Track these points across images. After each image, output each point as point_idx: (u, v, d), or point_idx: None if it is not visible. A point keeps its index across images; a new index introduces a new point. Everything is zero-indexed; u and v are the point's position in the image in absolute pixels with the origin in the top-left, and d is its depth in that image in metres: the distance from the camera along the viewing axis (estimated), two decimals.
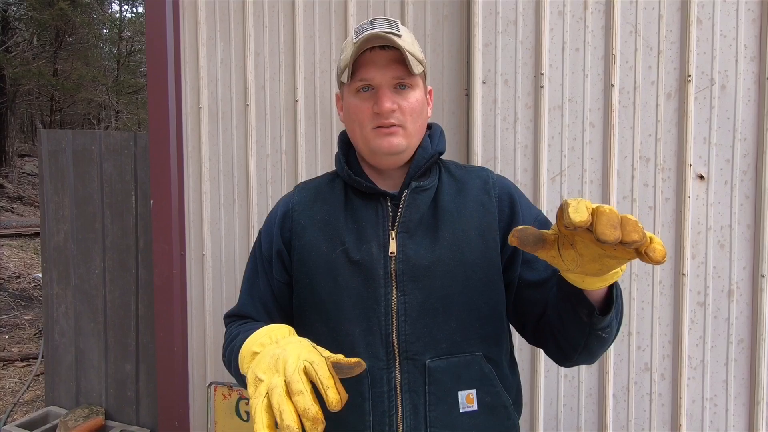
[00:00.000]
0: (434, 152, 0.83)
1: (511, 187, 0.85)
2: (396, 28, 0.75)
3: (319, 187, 0.87)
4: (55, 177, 2.38)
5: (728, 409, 1.27)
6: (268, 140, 1.69)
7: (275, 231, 0.85)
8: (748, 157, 1.24)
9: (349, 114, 0.80)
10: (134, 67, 12.26)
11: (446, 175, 0.84)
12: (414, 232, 0.78)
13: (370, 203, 0.81)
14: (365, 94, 0.77)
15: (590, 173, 1.34)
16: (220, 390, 1.63)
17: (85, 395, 2.37)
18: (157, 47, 1.74)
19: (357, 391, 0.75)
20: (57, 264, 2.40)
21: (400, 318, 0.75)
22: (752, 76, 1.23)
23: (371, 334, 0.75)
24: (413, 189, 0.80)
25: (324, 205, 0.83)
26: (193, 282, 1.81)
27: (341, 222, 0.80)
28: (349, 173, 0.82)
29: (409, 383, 0.74)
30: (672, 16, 1.27)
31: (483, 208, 0.81)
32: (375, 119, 0.76)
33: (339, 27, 1.59)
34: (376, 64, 0.75)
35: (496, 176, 0.86)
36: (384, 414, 0.74)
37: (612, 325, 0.68)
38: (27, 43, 10.20)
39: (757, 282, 1.24)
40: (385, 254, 0.77)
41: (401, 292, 0.76)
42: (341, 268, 0.77)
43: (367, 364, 0.74)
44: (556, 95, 1.36)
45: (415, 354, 0.75)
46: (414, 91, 0.78)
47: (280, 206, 0.89)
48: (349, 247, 0.78)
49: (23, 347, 3.86)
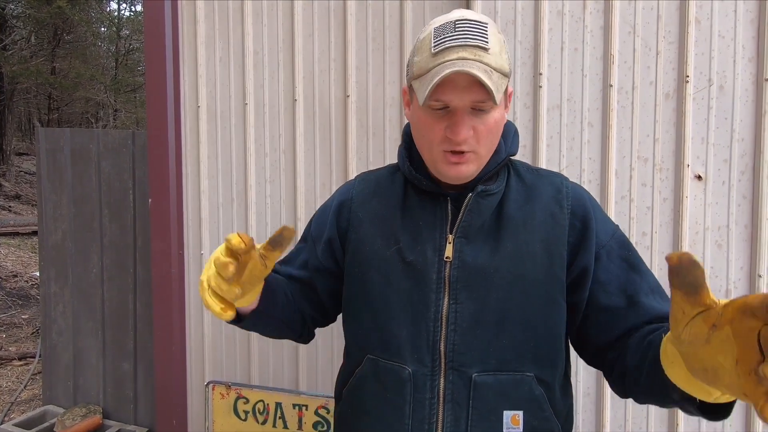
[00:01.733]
0: (507, 154, 0.77)
1: (587, 199, 0.77)
2: (484, 40, 0.65)
3: (379, 179, 0.84)
4: (52, 176, 2.37)
5: None
6: (267, 139, 1.68)
7: (330, 218, 0.83)
8: (746, 157, 1.24)
9: (418, 127, 0.73)
10: (132, 65, 12.22)
11: (515, 180, 0.78)
12: (474, 238, 0.73)
13: (430, 203, 0.76)
14: (439, 113, 0.69)
15: (589, 173, 1.35)
16: (218, 389, 1.63)
17: (83, 394, 2.37)
18: (155, 46, 1.73)
19: (399, 394, 0.73)
20: (55, 263, 2.39)
21: (449, 326, 0.72)
22: (750, 76, 1.23)
23: (418, 339, 0.73)
24: (479, 192, 0.73)
25: (382, 199, 0.81)
26: (191, 281, 1.81)
27: (398, 219, 0.77)
28: (411, 169, 0.78)
29: (453, 394, 0.71)
30: (670, 17, 1.28)
31: (552, 219, 0.74)
32: (446, 143, 0.69)
33: (338, 26, 1.59)
34: (456, 87, 0.66)
35: (571, 184, 0.78)
36: (423, 421, 0.72)
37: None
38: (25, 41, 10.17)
39: (754, 282, 1.24)
40: (440, 258, 0.73)
41: (453, 300, 0.72)
42: (394, 267, 0.75)
43: (412, 369, 0.73)
44: (554, 95, 1.36)
45: (462, 365, 0.71)
46: (494, 112, 0.69)
47: (338, 195, 0.86)
48: (403, 246, 0.75)
49: (20, 346, 3.85)
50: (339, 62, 1.59)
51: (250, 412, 1.59)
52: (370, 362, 0.77)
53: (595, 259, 0.73)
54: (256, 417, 1.58)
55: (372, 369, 0.76)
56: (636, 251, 0.76)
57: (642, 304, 0.71)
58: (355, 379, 0.79)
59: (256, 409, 1.58)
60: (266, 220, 1.70)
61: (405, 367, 0.73)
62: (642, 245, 1.31)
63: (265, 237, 1.70)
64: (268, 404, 1.57)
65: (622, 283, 0.73)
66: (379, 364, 0.76)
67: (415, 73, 0.70)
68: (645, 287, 0.72)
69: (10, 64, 8.86)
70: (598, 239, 0.74)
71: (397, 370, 0.73)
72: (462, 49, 0.65)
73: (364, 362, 0.78)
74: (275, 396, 1.57)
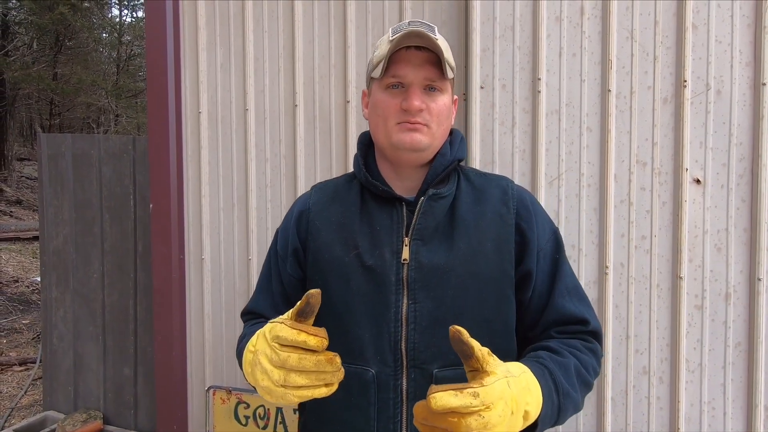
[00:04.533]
0: (453, 158, 0.82)
1: (530, 201, 0.83)
2: (434, 32, 0.75)
3: (336, 187, 0.87)
4: (54, 181, 2.38)
5: (726, 412, 1.27)
6: (267, 144, 1.69)
7: (291, 229, 0.86)
8: (744, 161, 1.25)
9: (376, 108, 0.79)
10: (134, 71, 12.28)
11: (465, 183, 0.83)
12: (429, 239, 0.77)
13: (386, 208, 0.80)
14: (395, 91, 0.76)
15: (587, 177, 1.35)
16: (219, 394, 1.63)
17: (83, 399, 2.36)
18: (156, 51, 1.75)
19: (363, 396, 0.75)
20: (56, 268, 2.40)
21: (410, 326, 0.74)
22: (747, 81, 1.24)
23: (380, 340, 0.75)
24: (430, 196, 0.79)
25: (340, 207, 0.83)
26: (192, 286, 1.81)
27: (356, 225, 0.80)
28: (367, 176, 0.81)
29: (416, 391, 0.74)
30: (668, 22, 1.29)
31: (501, 219, 0.79)
32: (401, 115, 0.76)
33: (338, 32, 1.60)
34: (410, 63, 0.75)
35: (516, 187, 0.84)
36: (389, 420, 0.74)
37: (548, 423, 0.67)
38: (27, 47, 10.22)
39: (753, 285, 1.25)
40: (397, 261, 0.76)
41: (412, 300, 0.75)
42: (354, 272, 0.77)
43: (375, 370, 0.75)
44: (553, 100, 1.37)
45: (423, 363, 0.74)
46: (443, 95, 0.77)
47: (296, 205, 0.89)
48: (362, 251, 0.77)
49: (21, 351, 3.85)
50: (339, 68, 1.60)
51: (251, 417, 1.59)
52: None
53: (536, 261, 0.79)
54: (257, 422, 1.58)
55: None
56: (564, 252, 0.83)
57: (556, 305, 0.78)
58: None
59: (257, 414, 1.58)
60: (267, 224, 1.70)
61: (368, 369, 0.75)
62: (641, 249, 1.31)
63: (265, 241, 1.70)
64: (269, 409, 1.57)
65: (547, 284, 0.80)
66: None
67: (374, 62, 0.78)
68: (563, 289, 0.79)
69: (12, 69, 8.91)
70: (539, 242, 0.80)
71: (360, 373, 0.75)
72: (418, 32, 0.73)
73: None
74: None
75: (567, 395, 0.69)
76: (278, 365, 0.59)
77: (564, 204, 1.37)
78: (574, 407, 0.73)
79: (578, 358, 0.75)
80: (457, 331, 0.55)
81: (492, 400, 0.52)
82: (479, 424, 0.51)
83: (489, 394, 0.53)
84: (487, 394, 0.52)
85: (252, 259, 1.72)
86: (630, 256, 1.32)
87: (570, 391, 0.70)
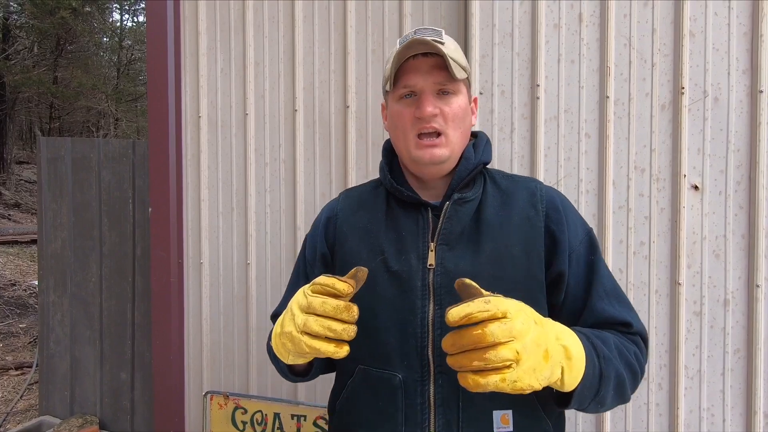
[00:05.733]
0: (478, 162, 0.81)
1: (560, 202, 0.81)
2: (439, 36, 0.76)
3: (362, 194, 0.88)
4: (53, 184, 2.38)
5: (725, 418, 1.27)
6: (267, 149, 1.70)
7: (319, 235, 0.87)
8: (742, 167, 1.25)
9: (393, 120, 0.80)
10: (134, 75, 12.32)
11: (491, 186, 0.82)
12: (454, 244, 0.76)
13: (411, 213, 0.80)
14: (408, 101, 0.77)
15: (586, 183, 1.36)
16: (217, 399, 1.62)
17: (80, 404, 2.35)
18: (157, 56, 1.75)
19: (391, 402, 0.74)
20: (54, 271, 2.39)
21: (436, 331, 0.73)
22: (744, 88, 1.25)
23: (406, 346, 0.74)
24: (455, 200, 0.78)
25: (366, 213, 0.84)
26: (190, 290, 1.81)
27: (382, 231, 0.80)
28: (392, 182, 0.82)
29: (443, 398, 0.73)
30: (665, 30, 1.30)
31: (528, 222, 0.77)
32: (417, 124, 0.76)
33: (338, 38, 1.61)
34: (418, 71, 0.75)
35: (545, 188, 0.82)
36: (416, 426, 0.73)
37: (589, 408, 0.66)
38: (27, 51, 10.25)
39: (752, 291, 1.25)
40: (423, 266, 0.76)
41: (438, 305, 0.74)
42: (380, 277, 0.77)
43: (402, 376, 0.74)
44: (552, 106, 1.38)
45: (450, 369, 0.72)
46: (457, 96, 0.77)
47: (324, 212, 0.90)
48: (388, 257, 0.78)
49: (18, 355, 3.82)
50: (339, 73, 1.61)
51: (248, 422, 1.58)
52: (361, 372, 0.78)
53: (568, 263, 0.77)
54: (254, 427, 1.57)
55: (363, 379, 0.78)
56: (600, 253, 0.80)
57: (594, 307, 0.75)
58: (348, 391, 0.80)
59: (254, 419, 1.57)
60: (266, 229, 1.70)
61: (395, 374, 0.74)
62: (640, 255, 1.32)
63: (264, 246, 1.70)
64: (267, 414, 1.56)
65: (582, 287, 0.76)
66: (370, 373, 0.77)
67: (385, 76, 0.80)
68: (601, 291, 0.76)
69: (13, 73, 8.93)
70: (570, 244, 0.77)
71: (387, 378, 0.75)
72: (420, 39, 0.74)
73: (355, 373, 0.79)
74: (273, 406, 1.56)
75: (609, 361, 0.65)
76: (304, 309, 0.62)
77: None
78: (617, 383, 0.67)
79: (618, 339, 0.72)
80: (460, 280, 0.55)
81: (506, 308, 0.52)
82: (503, 331, 0.51)
83: (501, 302, 0.53)
84: (499, 301, 0.52)
85: (250, 263, 1.71)
86: (629, 262, 1.32)
87: (612, 359, 0.66)
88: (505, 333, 0.51)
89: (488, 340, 0.51)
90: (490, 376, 0.51)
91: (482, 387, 0.51)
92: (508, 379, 0.51)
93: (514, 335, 0.51)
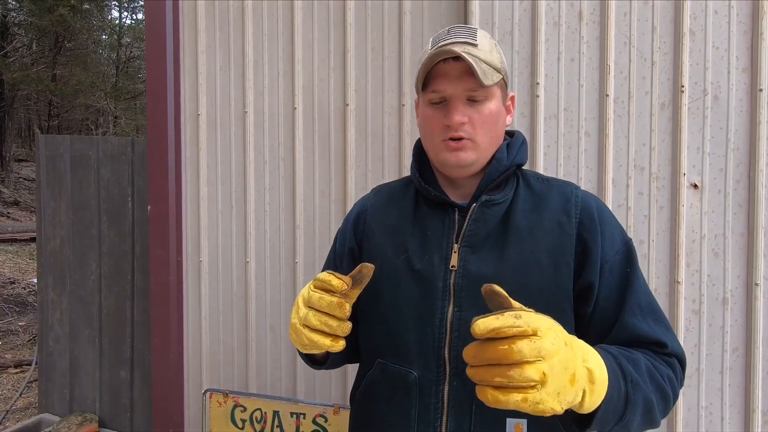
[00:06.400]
0: (510, 164, 0.79)
1: (596, 209, 0.76)
2: (473, 37, 0.74)
3: (392, 191, 0.88)
4: (52, 182, 2.38)
5: (723, 417, 1.27)
6: (266, 147, 1.69)
7: (349, 230, 0.88)
8: (741, 166, 1.25)
9: (423, 122, 0.80)
10: (133, 73, 12.30)
11: (524, 189, 0.79)
12: (479, 247, 0.75)
13: (438, 213, 0.79)
14: (438, 106, 0.76)
15: (586, 182, 1.36)
16: (216, 397, 1.62)
17: (79, 402, 2.35)
18: (156, 54, 1.75)
19: (406, 397, 0.75)
20: (53, 269, 2.39)
21: (453, 333, 0.73)
22: (744, 86, 1.25)
23: (424, 345, 0.74)
24: (483, 202, 0.77)
25: (395, 210, 0.84)
26: (189, 288, 1.80)
27: (408, 229, 0.80)
28: (420, 181, 0.82)
29: (456, 399, 0.72)
30: (665, 28, 1.29)
31: (560, 228, 0.74)
32: (445, 131, 0.75)
33: (337, 36, 1.60)
34: (448, 76, 0.74)
35: (582, 193, 0.78)
36: (429, 425, 0.73)
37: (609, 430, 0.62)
38: (26, 49, 10.22)
39: (751, 290, 1.25)
40: (446, 267, 0.75)
41: (457, 308, 0.74)
42: (403, 275, 0.77)
43: (418, 374, 0.74)
44: (551, 105, 1.37)
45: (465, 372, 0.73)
46: (488, 102, 0.75)
47: (356, 207, 0.91)
48: (412, 255, 0.77)
49: (17, 353, 3.83)
50: (338, 71, 1.61)
51: (248, 420, 1.58)
52: (379, 366, 0.79)
53: (599, 274, 0.73)
54: (254, 425, 1.57)
55: (381, 372, 0.79)
56: (638, 265, 0.76)
57: (626, 323, 0.71)
58: (366, 383, 0.82)
59: (254, 417, 1.57)
60: (265, 227, 1.70)
61: (411, 371, 0.75)
62: (639, 253, 1.32)
63: (263, 244, 1.70)
64: (266, 412, 1.56)
65: (614, 300, 0.73)
66: (388, 368, 0.78)
67: (418, 77, 0.78)
68: (634, 306, 0.72)
69: (11, 71, 8.91)
70: (603, 254, 0.73)
71: (404, 374, 0.75)
72: (452, 44, 0.73)
73: (374, 366, 0.80)
74: (273, 404, 1.56)
75: (636, 385, 0.62)
76: (306, 303, 0.65)
77: None
78: (646, 409, 0.63)
79: (650, 361, 0.68)
80: (489, 286, 0.53)
81: (537, 325, 0.49)
82: (532, 349, 0.48)
83: (533, 318, 0.49)
84: (531, 318, 0.49)
85: (250, 262, 1.71)
86: None
87: (640, 383, 0.63)
88: (534, 352, 0.48)
89: (514, 358, 0.48)
90: (511, 394, 0.49)
91: (502, 404, 0.49)
92: (530, 399, 0.48)
93: (542, 355, 0.48)
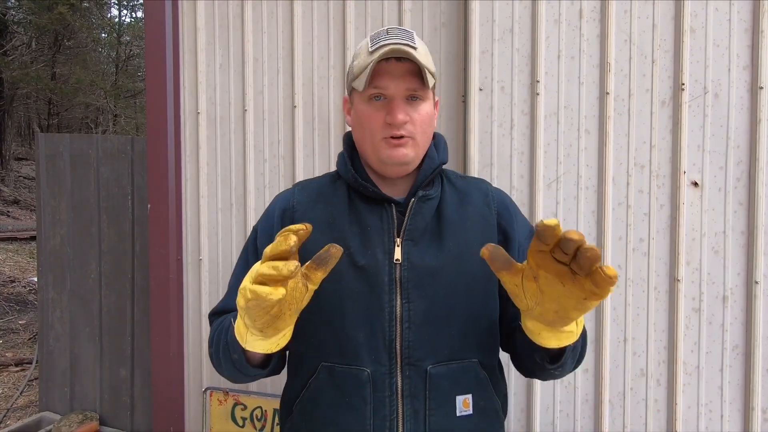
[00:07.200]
0: (440, 162, 0.85)
1: (509, 202, 0.88)
2: (413, 40, 0.76)
3: (321, 187, 0.87)
4: (52, 181, 2.37)
5: (723, 415, 1.28)
6: (266, 145, 1.69)
7: (276, 227, 0.84)
8: (742, 164, 1.25)
9: (360, 121, 0.80)
10: (133, 71, 12.28)
11: (448, 186, 0.86)
12: (419, 240, 0.79)
13: (375, 208, 0.81)
14: (378, 104, 0.77)
15: (585, 180, 1.36)
16: (216, 395, 1.62)
17: (80, 401, 2.35)
18: (155, 52, 1.75)
19: (359, 396, 0.75)
20: (53, 268, 2.39)
21: (404, 325, 0.76)
22: (745, 84, 1.24)
23: (374, 340, 0.76)
24: (420, 197, 0.81)
25: (327, 207, 0.83)
26: (189, 287, 1.80)
27: (345, 225, 0.80)
28: (356, 177, 0.82)
29: (411, 388, 0.75)
30: (666, 26, 1.29)
31: (484, 219, 0.82)
32: (386, 129, 0.77)
33: (337, 33, 1.60)
34: (391, 75, 0.76)
35: (494, 189, 0.88)
36: (385, 418, 0.75)
37: (564, 367, 0.73)
38: (26, 47, 10.21)
39: (751, 288, 1.25)
40: (390, 261, 0.77)
41: (405, 300, 0.76)
42: (345, 272, 0.77)
43: (371, 370, 0.75)
44: (551, 102, 1.37)
45: (418, 360, 0.75)
46: (425, 102, 0.79)
47: (278, 203, 0.88)
48: (353, 251, 0.78)
49: (17, 352, 3.83)
50: (338, 69, 1.60)
51: (248, 418, 1.58)
52: (325, 370, 0.77)
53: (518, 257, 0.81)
54: (254, 423, 1.58)
55: (328, 376, 0.77)
56: None
57: None
58: (309, 391, 0.79)
59: (254, 415, 1.58)
60: None
61: (363, 368, 0.75)
62: (639, 251, 1.32)
63: None
64: (266, 411, 1.57)
65: None
66: (335, 369, 0.76)
67: (355, 73, 0.79)
68: None
69: (11, 69, 8.90)
70: (519, 239, 0.83)
71: (355, 373, 0.75)
72: (398, 45, 0.75)
73: (318, 371, 0.78)
74: (273, 402, 1.56)
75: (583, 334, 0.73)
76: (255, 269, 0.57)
77: (562, 206, 1.37)
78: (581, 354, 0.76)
79: None
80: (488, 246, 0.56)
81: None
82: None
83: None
84: None
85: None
86: (628, 258, 1.32)
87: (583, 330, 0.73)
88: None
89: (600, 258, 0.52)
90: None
91: (613, 282, 0.51)
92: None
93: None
